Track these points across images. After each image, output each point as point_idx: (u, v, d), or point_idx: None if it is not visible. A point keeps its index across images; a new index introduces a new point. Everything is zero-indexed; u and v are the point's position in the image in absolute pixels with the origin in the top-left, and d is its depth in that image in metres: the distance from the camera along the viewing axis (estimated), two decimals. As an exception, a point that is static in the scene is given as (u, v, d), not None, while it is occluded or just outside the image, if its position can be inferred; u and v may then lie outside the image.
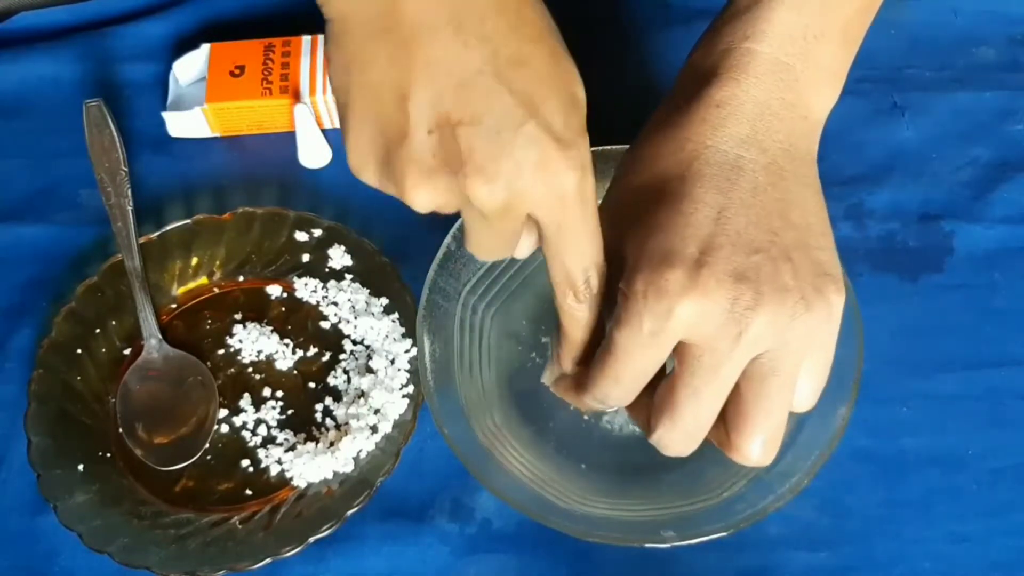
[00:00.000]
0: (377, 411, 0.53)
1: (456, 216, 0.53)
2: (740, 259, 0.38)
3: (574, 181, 0.37)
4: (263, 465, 0.53)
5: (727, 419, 0.41)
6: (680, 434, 0.41)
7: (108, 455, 0.53)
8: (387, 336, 0.55)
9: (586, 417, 0.53)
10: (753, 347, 0.39)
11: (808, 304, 0.39)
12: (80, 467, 0.52)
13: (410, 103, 0.35)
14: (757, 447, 0.41)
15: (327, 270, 0.58)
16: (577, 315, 0.41)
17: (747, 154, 0.40)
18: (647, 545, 0.46)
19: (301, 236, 0.58)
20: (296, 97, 0.61)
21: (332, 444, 0.52)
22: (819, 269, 0.40)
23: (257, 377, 0.55)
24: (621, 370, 0.40)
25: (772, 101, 0.41)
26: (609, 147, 0.53)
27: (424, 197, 0.37)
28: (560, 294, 0.41)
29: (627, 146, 0.53)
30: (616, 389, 0.41)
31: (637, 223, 0.40)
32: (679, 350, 0.39)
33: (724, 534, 0.46)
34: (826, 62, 0.43)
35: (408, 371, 0.54)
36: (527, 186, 0.36)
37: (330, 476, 0.52)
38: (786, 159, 0.41)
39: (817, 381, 0.42)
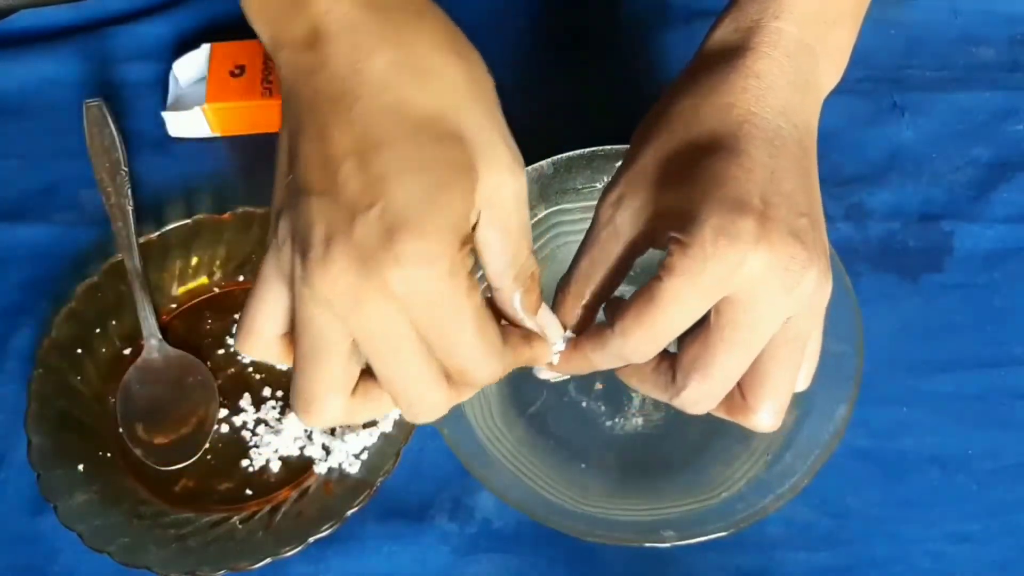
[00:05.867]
0: (377, 411, 0.53)
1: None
2: (793, 219, 0.38)
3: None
4: (264, 463, 0.53)
5: (743, 382, 0.41)
6: (708, 390, 0.40)
7: (108, 455, 0.53)
8: (387, 336, 0.55)
9: (584, 404, 0.53)
10: (794, 307, 0.39)
11: (827, 278, 0.39)
12: (80, 467, 0.52)
13: None
14: (772, 411, 0.41)
15: (327, 270, 0.58)
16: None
17: (785, 125, 0.41)
18: (647, 545, 0.46)
19: (301, 236, 0.58)
20: (296, 97, 0.61)
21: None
22: (826, 248, 0.41)
23: (257, 377, 0.55)
24: (661, 319, 0.38)
25: (799, 80, 0.42)
26: (610, 147, 0.53)
27: None
28: None
29: (629, 146, 0.53)
30: (648, 340, 0.40)
31: (687, 176, 0.40)
32: (717, 305, 0.39)
33: (724, 534, 0.46)
34: (839, 45, 0.44)
35: (408, 371, 0.54)
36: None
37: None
38: (807, 137, 0.42)
39: (815, 359, 0.43)
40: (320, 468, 0.52)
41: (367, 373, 0.38)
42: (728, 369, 0.40)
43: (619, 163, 0.54)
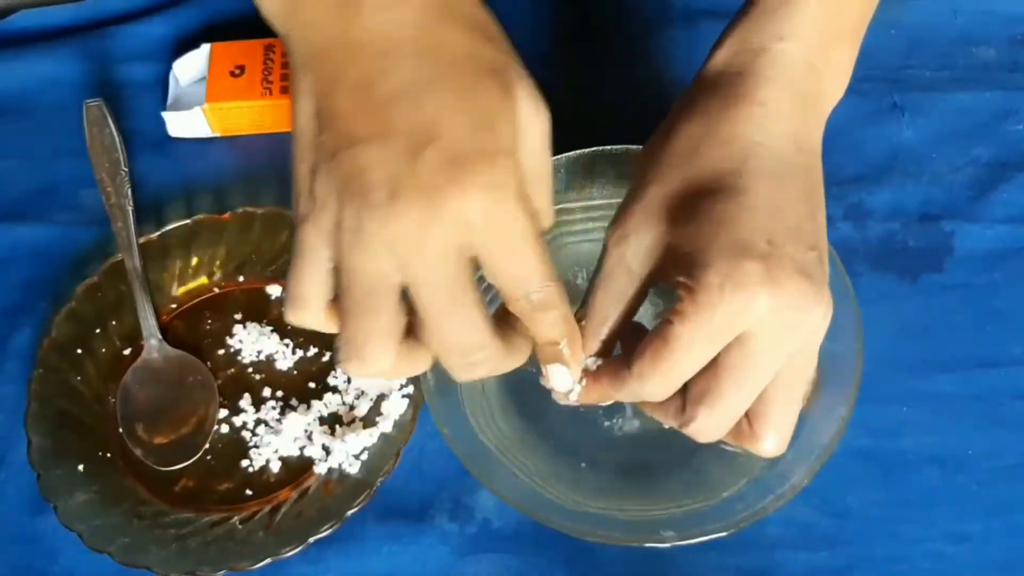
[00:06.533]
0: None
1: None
2: (801, 254, 0.38)
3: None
4: (264, 464, 0.53)
5: (749, 411, 0.41)
6: (718, 421, 0.41)
7: (108, 455, 0.53)
8: (387, 336, 0.55)
9: (581, 409, 0.53)
10: (801, 340, 0.39)
11: (831, 308, 0.40)
12: (80, 467, 0.52)
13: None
14: (778, 438, 0.42)
15: (327, 270, 0.58)
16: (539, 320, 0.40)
17: (791, 152, 0.41)
18: (647, 545, 0.46)
19: (301, 236, 0.58)
20: (296, 97, 0.61)
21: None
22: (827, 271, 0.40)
23: (257, 377, 0.55)
24: (676, 364, 0.39)
25: (805, 102, 0.42)
26: (610, 147, 0.53)
27: None
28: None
29: (629, 146, 0.53)
30: (664, 383, 0.40)
31: (692, 216, 0.40)
32: None
33: (724, 534, 0.46)
34: (842, 63, 0.44)
35: (408, 371, 0.54)
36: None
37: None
38: (814, 159, 0.42)
39: (810, 378, 0.43)
40: (320, 468, 0.52)
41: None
42: (736, 402, 0.40)
43: (620, 163, 0.54)
